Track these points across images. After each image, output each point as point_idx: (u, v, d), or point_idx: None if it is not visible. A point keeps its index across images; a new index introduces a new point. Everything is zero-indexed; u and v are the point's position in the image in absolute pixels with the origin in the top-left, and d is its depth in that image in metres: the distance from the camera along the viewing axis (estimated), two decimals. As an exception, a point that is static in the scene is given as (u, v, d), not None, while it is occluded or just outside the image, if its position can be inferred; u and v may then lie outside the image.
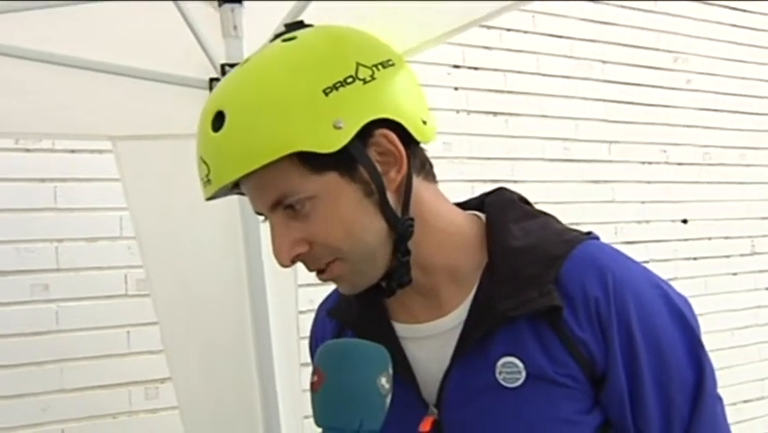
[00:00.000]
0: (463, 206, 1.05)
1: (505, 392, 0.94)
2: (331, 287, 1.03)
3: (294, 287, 2.10)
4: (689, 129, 4.16)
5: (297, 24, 0.97)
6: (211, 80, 1.80)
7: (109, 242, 2.67)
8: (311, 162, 0.87)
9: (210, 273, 2.10)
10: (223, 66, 1.76)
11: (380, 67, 0.90)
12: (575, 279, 0.93)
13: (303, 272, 0.97)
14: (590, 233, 1.01)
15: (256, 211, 0.95)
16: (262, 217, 0.95)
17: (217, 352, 2.12)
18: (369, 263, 0.93)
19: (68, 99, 2.00)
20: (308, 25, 0.97)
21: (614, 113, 3.90)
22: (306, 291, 1.94)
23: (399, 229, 0.92)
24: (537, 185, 3.56)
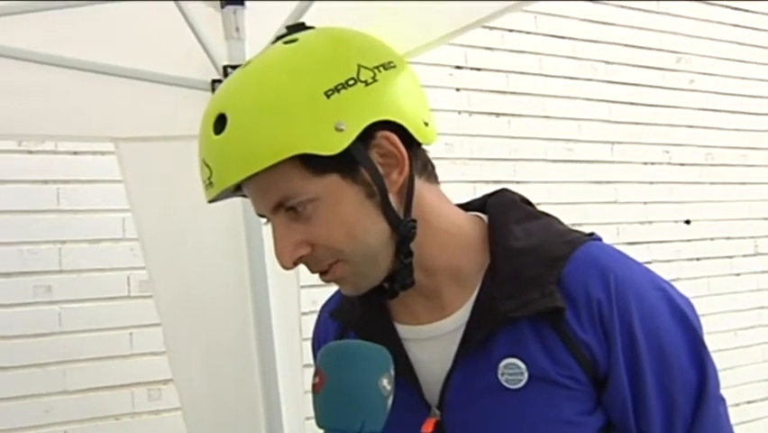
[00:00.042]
0: (466, 207, 1.05)
1: (507, 394, 0.94)
2: (333, 288, 1.04)
3: (296, 288, 2.10)
4: (691, 130, 4.15)
5: (299, 26, 0.97)
6: (213, 82, 1.80)
7: (112, 243, 2.68)
8: (313, 164, 0.87)
9: (213, 275, 2.10)
10: (225, 67, 1.76)
11: (382, 68, 0.90)
12: (577, 280, 0.93)
13: (305, 274, 0.97)
14: (593, 234, 1.01)
15: (258, 213, 0.95)
16: (264, 219, 0.95)
17: (220, 353, 2.12)
18: (371, 265, 0.93)
19: (70, 101, 2.00)
20: (310, 27, 0.97)
21: (617, 113, 3.90)
22: (309, 293, 1.94)
23: (402, 231, 0.92)
24: (540, 186, 3.56)
